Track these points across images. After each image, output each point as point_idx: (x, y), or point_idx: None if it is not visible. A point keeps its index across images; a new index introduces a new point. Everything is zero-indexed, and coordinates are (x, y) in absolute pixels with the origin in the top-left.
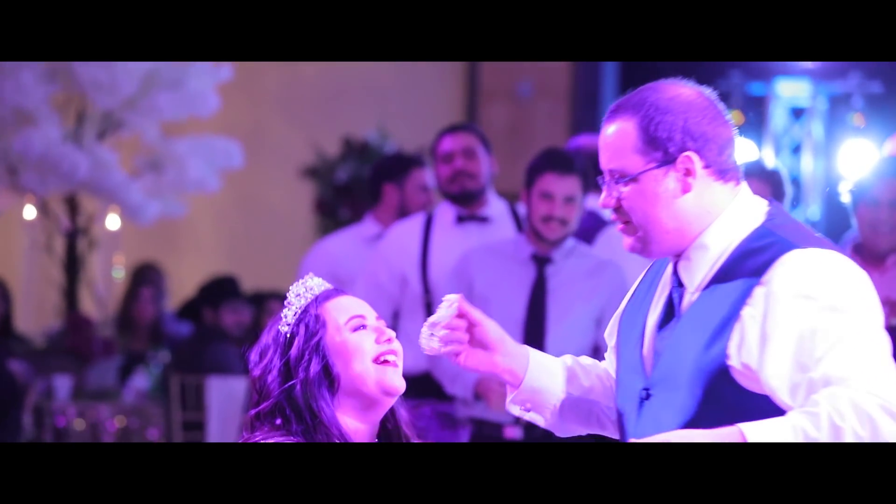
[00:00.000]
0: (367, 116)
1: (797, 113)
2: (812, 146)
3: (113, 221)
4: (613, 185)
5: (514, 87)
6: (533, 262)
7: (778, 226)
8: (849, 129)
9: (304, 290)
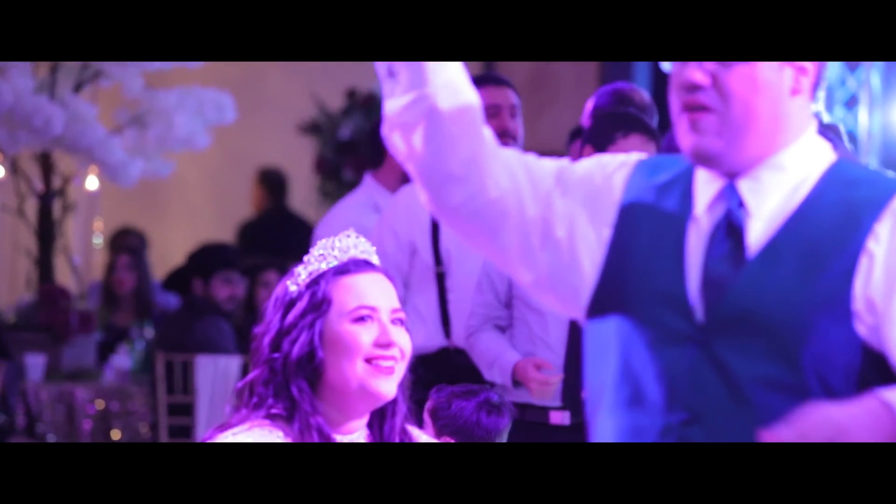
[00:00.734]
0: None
1: (852, 65)
2: (869, 98)
3: (91, 182)
4: (709, 64)
5: None
6: None
7: (858, 164)
8: None
9: (331, 251)
